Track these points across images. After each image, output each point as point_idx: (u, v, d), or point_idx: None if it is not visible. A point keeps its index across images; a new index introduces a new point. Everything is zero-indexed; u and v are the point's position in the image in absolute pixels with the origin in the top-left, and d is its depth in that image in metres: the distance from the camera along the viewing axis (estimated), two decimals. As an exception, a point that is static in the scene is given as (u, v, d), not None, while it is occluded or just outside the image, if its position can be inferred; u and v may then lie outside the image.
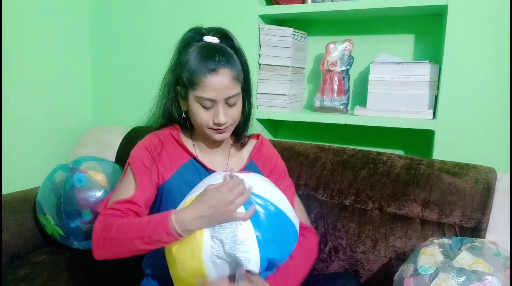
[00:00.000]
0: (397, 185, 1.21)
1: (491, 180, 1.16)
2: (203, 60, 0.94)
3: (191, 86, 0.96)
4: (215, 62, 0.94)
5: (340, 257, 1.22)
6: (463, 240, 0.93)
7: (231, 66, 0.96)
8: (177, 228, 0.85)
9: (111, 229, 0.91)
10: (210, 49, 0.96)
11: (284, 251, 0.92)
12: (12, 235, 1.40)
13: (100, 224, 0.94)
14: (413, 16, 1.49)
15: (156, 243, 0.88)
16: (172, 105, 1.05)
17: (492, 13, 1.23)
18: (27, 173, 1.66)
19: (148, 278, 1.07)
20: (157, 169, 1.02)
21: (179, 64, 0.99)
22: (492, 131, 1.28)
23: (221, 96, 0.95)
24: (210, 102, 0.96)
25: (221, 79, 0.94)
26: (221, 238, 0.84)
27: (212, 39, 1.00)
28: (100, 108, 1.98)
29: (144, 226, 0.89)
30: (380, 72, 1.40)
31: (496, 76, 1.25)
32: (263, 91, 1.57)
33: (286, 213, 0.92)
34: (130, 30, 1.84)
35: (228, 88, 0.96)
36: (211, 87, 0.94)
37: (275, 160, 1.15)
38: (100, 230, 0.93)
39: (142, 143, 1.05)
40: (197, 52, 0.96)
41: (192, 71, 0.95)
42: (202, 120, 0.98)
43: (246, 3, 1.55)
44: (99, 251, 0.94)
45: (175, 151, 1.05)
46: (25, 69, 1.65)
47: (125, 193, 0.99)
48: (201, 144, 1.09)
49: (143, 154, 1.02)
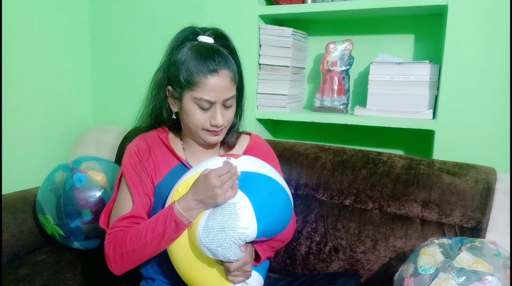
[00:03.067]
0: (397, 185, 1.21)
1: (491, 180, 1.16)
2: (203, 60, 0.92)
3: (188, 86, 0.94)
4: (216, 62, 0.93)
5: (340, 257, 1.22)
6: (463, 240, 0.93)
7: (229, 67, 0.95)
8: (184, 214, 0.89)
9: (124, 243, 0.93)
10: (209, 50, 0.94)
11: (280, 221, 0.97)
12: (12, 235, 1.40)
13: (110, 243, 0.95)
14: (413, 16, 1.49)
15: (170, 236, 0.91)
16: (163, 106, 1.03)
17: (492, 13, 1.23)
18: (27, 173, 1.66)
19: (147, 280, 1.07)
20: (147, 174, 1.01)
21: (174, 64, 0.96)
22: (492, 131, 1.28)
23: (220, 97, 0.94)
24: (208, 103, 0.94)
25: (222, 81, 0.93)
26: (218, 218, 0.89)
27: (207, 39, 0.98)
28: (100, 108, 1.98)
29: (153, 226, 0.91)
30: (380, 72, 1.40)
31: (496, 76, 1.25)
32: (263, 91, 1.57)
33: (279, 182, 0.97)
34: (130, 30, 1.84)
35: (227, 89, 0.95)
36: (211, 88, 0.93)
37: (271, 158, 1.14)
38: (113, 248, 0.94)
39: (131, 149, 1.04)
40: (195, 52, 0.94)
41: (191, 71, 0.93)
42: (198, 121, 0.96)
43: (246, 3, 1.55)
44: (119, 268, 0.96)
45: (164, 155, 1.04)
46: (25, 69, 1.65)
47: (125, 208, 0.98)
48: (190, 146, 1.06)
49: (134, 161, 1.01)
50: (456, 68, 1.28)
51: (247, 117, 1.16)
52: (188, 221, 0.89)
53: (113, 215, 1.01)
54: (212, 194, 0.87)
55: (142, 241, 0.91)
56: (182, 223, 0.89)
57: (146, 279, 1.08)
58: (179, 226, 0.89)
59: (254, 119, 1.59)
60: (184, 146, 1.07)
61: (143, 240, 0.91)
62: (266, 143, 1.18)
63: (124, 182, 1.01)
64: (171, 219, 0.89)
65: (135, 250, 0.92)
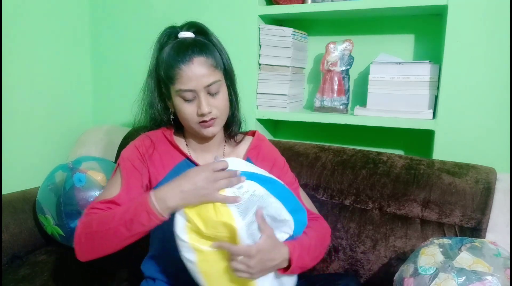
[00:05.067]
0: (397, 185, 1.21)
1: (491, 180, 1.16)
2: (176, 53, 0.93)
3: (169, 81, 0.94)
4: (189, 52, 0.93)
5: (340, 257, 1.22)
6: (463, 240, 0.93)
7: (206, 54, 0.94)
8: (157, 205, 0.83)
9: (92, 224, 0.88)
10: (184, 43, 0.95)
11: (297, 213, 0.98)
12: (12, 235, 1.40)
13: (81, 222, 0.91)
14: (413, 16, 1.49)
15: (137, 226, 0.84)
16: (160, 109, 1.03)
17: (492, 13, 1.23)
18: (27, 173, 1.66)
19: (148, 280, 1.07)
20: (148, 172, 1.00)
21: (157, 64, 0.98)
22: (492, 131, 1.28)
23: (199, 85, 0.93)
24: (190, 93, 0.93)
25: (197, 68, 0.92)
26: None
27: (186, 34, 0.98)
28: (100, 108, 1.98)
29: (126, 210, 0.86)
30: (380, 72, 1.40)
31: (496, 76, 1.25)
32: (263, 91, 1.57)
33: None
34: (130, 30, 1.83)
35: (205, 76, 0.93)
36: (188, 77, 0.92)
37: (274, 157, 1.12)
38: (82, 226, 0.90)
39: (133, 144, 1.03)
40: (173, 48, 0.95)
41: (168, 66, 0.94)
42: (187, 114, 0.95)
43: (246, 3, 1.55)
44: (81, 249, 0.90)
45: (168, 151, 1.03)
46: (25, 69, 1.65)
47: (109, 193, 0.96)
48: (193, 143, 1.06)
49: (134, 156, 1.00)
50: (456, 68, 1.28)
51: (247, 117, 1.15)
52: (160, 214, 0.83)
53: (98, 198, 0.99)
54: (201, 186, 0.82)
55: (108, 225, 0.86)
56: (154, 215, 0.83)
57: (146, 278, 1.08)
58: (151, 217, 0.83)
59: (254, 119, 1.59)
60: (187, 142, 1.08)
61: (109, 224, 0.85)
62: (269, 143, 1.16)
63: (118, 172, 0.99)
64: (142, 208, 0.83)
65: (99, 233, 0.86)
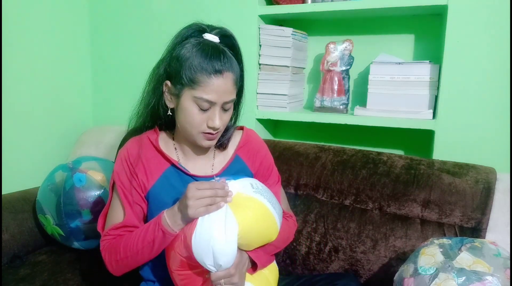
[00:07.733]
0: (397, 185, 1.21)
1: (491, 180, 1.16)
2: (208, 59, 0.89)
3: (190, 84, 0.90)
4: (221, 63, 0.89)
5: (340, 257, 1.22)
6: (463, 240, 0.93)
7: (233, 70, 0.93)
8: (169, 223, 0.88)
9: (119, 251, 0.95)
10: (215, 49, 0.91)
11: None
12: (12, 235, 1.40)
13: (105, 250, 0.99)
14: (413, 16, 1.49)
15: (160, 245, 0.91)
16: (159, 101, 0.99)
17: (492, 13, 1.23)
18: (27, 173, 1.66)
19: (147, 281, 1.07)
20: (137, 181, 0.99)
21: (176, 59, 0.92)
22: (492, 131, 1.28)
23: (221, 99, 0.91)
24: (208, 104, 0.91)
25: (225, 83, 0.91)
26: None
27: (213, 37, 0.94)
28: (100, 108, 1.98)
29: (144, 234, 0.92)
30: (380, 72, 1.40)
31: (496, 76, 1.25)
32: (263, 91, 1.57)
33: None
34: (130, 30, 1.84)
35: (228, 92, 0.92)
36: (214, 89, 0.90)
37: (263, 154, 1.11)
38: (108, 254, 0.98)
39: (121, 155, 1.02)
40: (201, 50, 0.90)
41: (195, 69, 0.89)
42: (195, 122, 0.93)
43: (246, 3, 1.55)
44: (116, 272, 1.00)
45: (155, 158, 1.01)
46: (25, 69, 1.65)
47: (117, 216, 1.00)
48: (184, 147, 1.03)
49: (123, 172, 1.00)
50: (456, 68, 1.28)
51: (247, 117, 1.16)
52: (172, 230, 0.88)
53: (107, 221, 1.02)
54: (185, 204, 0.85)
55: (134, 249, 0.93)
56: (168, 232, 0.88)
57: (146, 281, 1.08)
58: (166, 235, 0.89)
59: (254, 119, 1.59)
60: (176, 146, 1.05)
61: (135, 248, 0.93)
62: (259, 138, 1.14)
63: (116, 191, 1.00)
64: (158, 228, 0.90)
65: (128, 258, 0.95)
